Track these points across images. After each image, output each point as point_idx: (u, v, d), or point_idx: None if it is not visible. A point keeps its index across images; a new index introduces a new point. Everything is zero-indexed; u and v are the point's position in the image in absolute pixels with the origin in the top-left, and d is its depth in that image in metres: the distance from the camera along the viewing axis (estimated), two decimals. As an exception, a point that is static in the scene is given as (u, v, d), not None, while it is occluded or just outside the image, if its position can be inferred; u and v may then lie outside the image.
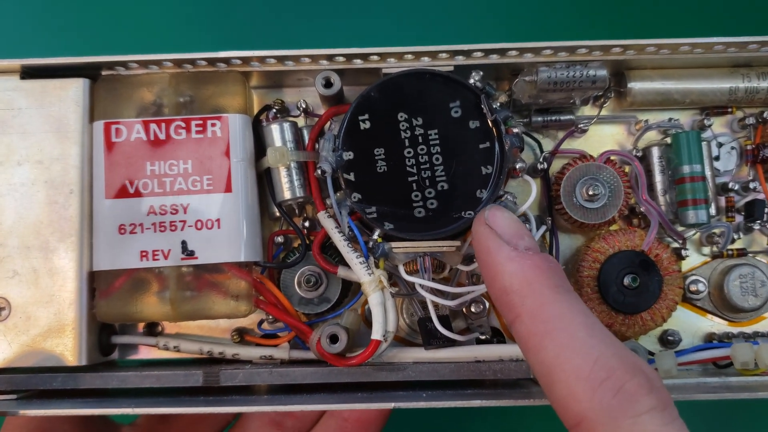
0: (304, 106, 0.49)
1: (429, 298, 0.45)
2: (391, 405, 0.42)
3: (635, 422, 0.30)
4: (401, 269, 0.45)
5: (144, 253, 0.45)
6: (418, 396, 0.43)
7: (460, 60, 0.47)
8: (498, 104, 0.46)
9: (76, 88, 0.46)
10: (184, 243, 0.45)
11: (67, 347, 0.45)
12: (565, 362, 0.32)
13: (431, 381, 0.45)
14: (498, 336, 0.50)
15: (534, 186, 0.46)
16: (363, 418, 0.52)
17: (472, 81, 0.45)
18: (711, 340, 0.50)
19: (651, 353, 0.46)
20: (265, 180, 0.48)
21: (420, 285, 0.45)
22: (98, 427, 0.53)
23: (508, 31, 0.64)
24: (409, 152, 0.45)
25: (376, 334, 0.43)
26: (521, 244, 0.36)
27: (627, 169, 0.49)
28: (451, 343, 0.46)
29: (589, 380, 0.31)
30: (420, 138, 0.45)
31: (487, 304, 0.49)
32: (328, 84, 0.47)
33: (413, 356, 0.46)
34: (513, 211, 0.45)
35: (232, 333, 0.50)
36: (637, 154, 0.49)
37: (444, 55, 0.46)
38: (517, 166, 0.46)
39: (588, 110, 0.51)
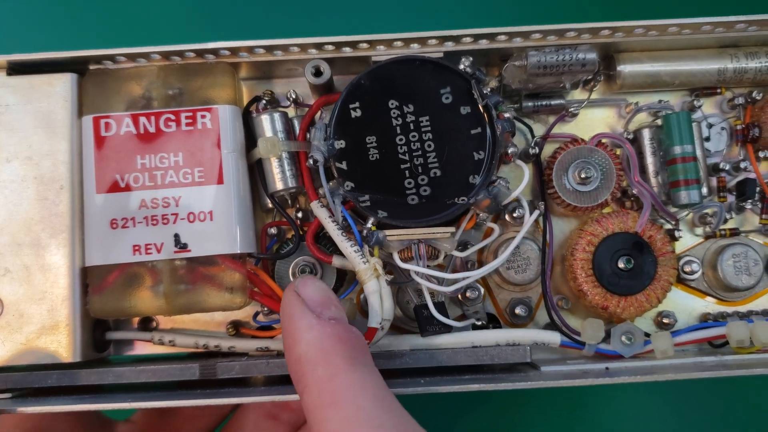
0: (294, 96, 0.49)
1: (425, 285, 0.45)
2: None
3: None
4: (396, 257, 0.45)
5: (137, 248, 0.44)
6: (416, 383, 0.43)
7: (450, 46, 0.47)
8: (489, 90, 0.46)
9: (63, 83, 0.46)
10: (176, 236, 0.44)
11: (62, 344, 0.44)
12: None
13: (429, 368, 0.44)
14: (494, 322, 0.50)
15: (526, 170, 0.46)
16: None
17: (462, 67, 0.45)
18: (706, 320, 0.50)
19: (647, 334, 0.46)
20: (256, 171, 0.48)
21: (415, 272, 0.45)
22: (94, 425, 0.53)
23: (498, 16, 0.64)
24: (401, 139, 0.45)
25: (373, 322, 0.43)
26: (326, 314, 0.36)
27: (618, 151, 0.49)
28: (447, 329, 0.46)
29: None
30: (411, 125, 0.45)
31: (483, 290, 0.49)
32: (317, 73, 0.47)
33: (410, 343, 0.46)
34: (506, 196, 0.45)
35: (228, 326, 0.50)
36: (628, 137, 0.50)
37: (433, 41, 0.46)
38: (509, 151, 0.46)
39: (578, 94, 0.51)
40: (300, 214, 0.49)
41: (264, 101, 0.49)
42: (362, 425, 0.31)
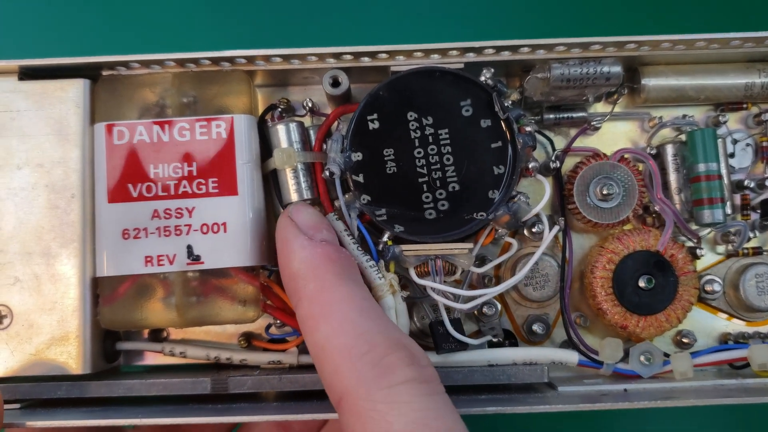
0: (310, 105, 0.48)
1: (441, 301, 0.44)
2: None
3: (390, 392, 0.32)
4: (412, 272, 0.44)
5: (149, 259, 0.44)
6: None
7: (471, 57, 0.45)
8: (510, 102, 0.45)
9: (76, 89, 0.45)
10: (189, 247, 0.44)
11: (71, 355, 0.44)
12: (334, 341, 0.34)
13: (450, 386, 0.44)
14: (510, 338, 0.49)
15: (548, 187, 0.45)
16: None
17: (483, 78, 0.44)
18: (726, 341, 0.49)
19: (666, 355, 0.46)
20: (271, 182, 0.47)
21: (432, 288, 0.44)
22: (103, 433, 0.52)
23: (520, 28, 0.63)
24: (419, 152, 0.44)
25: (388, 339, 0.42)
26: (318, 236, 0.39)
27: (641, 167, 0.48)
28: (463, 347, 0.45)
29: (351, 356, 0.33)
30: (430, 138, 0.44)
31: (499, 306, 0.48)
32: (335, 83, 0.46)
33: (425, 361, 0.45)
34: (526, 212, 0.44)
35: (239, 338, 0.49)
36: (651, 152, 0.48)
37: (454, 52, 0.45)
38: (530, 166, 0.45)
39: (600, 107, 0.50)
40: (314, 226, 0.48)
41: (279, 109, 0.48)
42: (349, 332, 0.34)
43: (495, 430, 0.63)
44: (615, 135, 0.50)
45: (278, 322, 0.48)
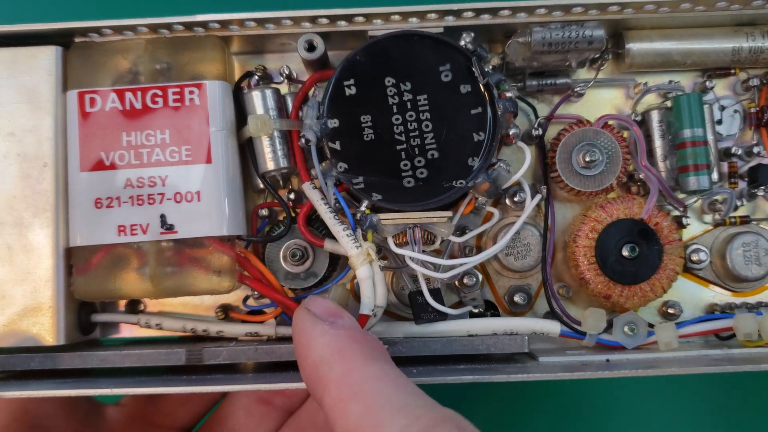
0: (287, 72, 0.47)
1: (420, 270, 0.43)
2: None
3: None
4: (390, 242, 0.44)
5: (122, 228, 0.43)
6: (408, 372, 0.41)
7: (450, 21, 0.44)
8: (490, 67, 0.44)
9: (48, 57, 0.44)
10: (162, 217, 0.43)
11: (45, 326, 0.43)
12: (370, 420, 0.29)
13: (422, 356, 0.43)
14: (492, 309, 0.48)
15: (528, 153, 0.44)
16: None
17: (462, 43, 0.43)
18: (713, 311, 0.48)
19: (651, 325, 0.45)
20: (247, 150, 0.46)
21: (410, 257, 0.43)
22: (82, 407, 0.52)
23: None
24: (397, 119, 0.43)
25: (365, 309, 0.42)
26: (339, 322, 0.35)
27: (625, 134, 0.47)
28: (442, 317, 0.44)
29: (391, 429, 0.29)
30: (409, 104, 0.43)
31: (481, 277, 0.47)
32: (311, 47, 0.45)
33: (403, 331, 0.44)
34: (506, 180, 0.43)
35: (217, 310, 0.48)
36: (636, 119, 0.47)
37: (433, 15, 0.44)
38: (511, 133, 0.44)
39: (584, 73, 0.49)
40: (292, 196, 0.47)
41: (256, 77, 0.47)
42: (385, 408, 0.30)
43: (477, 403, 0.63)
44: (599, 102, 0.49)
45: (255, 293, 0.47)
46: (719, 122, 0.48)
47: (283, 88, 0.47)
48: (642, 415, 0.62)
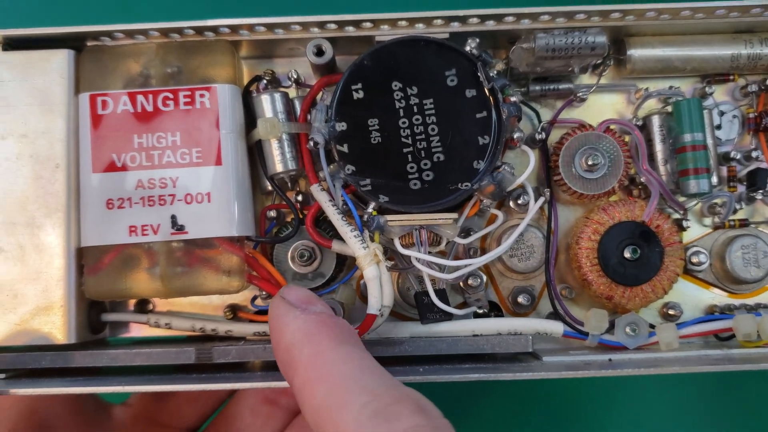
0: (295, 76, 0.48)
1: (426, 271, 0.44)
2: (388, 380, 0.40)
3: None
4: (397, 243, 0.44)
5: (133, 228, 0.44)
6: (414, 371, 0.42)
7: (456, 27, 0.45)
8: (495, 72, 0.44)
9: (60, 60, 0.45)
10: (173, 217, 0.44)
11: (56, 325, 0.44)
12: (332, 400, 0.31)
13: (428, 356, 0.44)
14: (496, 310, 0.49)
15: (532, 156, 0.45)
16: None
17: (468, 48, 0.44)
18: (713, 313, 0.49)
19: (652, 326, 0.46)
20: (256, 153, 0.47)
21: (416, 258, 0.44)
22: (90, 407, 0.52)
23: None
24: (404, 122, 0.44)
25: (372, 308, 0.42)
26: (311, 308, 0.37)
27: (627, 138, 0.48)
28: (448, 317, 0.45)
29: (351, 409, 0.30)
30: (415, 108, 0.44)
31: (485, 278, 0.48)
32: (319, 52, 0.45)
33: (410, 331, 0.45)
34: (510, 182, 0.44)
35: (225, 309, 0.49)
36: (637, 123, 0.48)
37: (439, 21, 0.45)
38: (515, 136, 0.45)
39: (587, 79, 0.50)
40: (300, 198, 0.48)
41: (264, 81, 0.48)
42: (349, 390, 0.31)
43: (482, 403, 0.63)
44: (601, 107, 0.50)
45: (264, 293, 0.47)
46: (718, 127, 0.49)
47: (291, 92, 0.48)
48: (641, 414, 0.63)
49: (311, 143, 0.43)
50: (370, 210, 0.43)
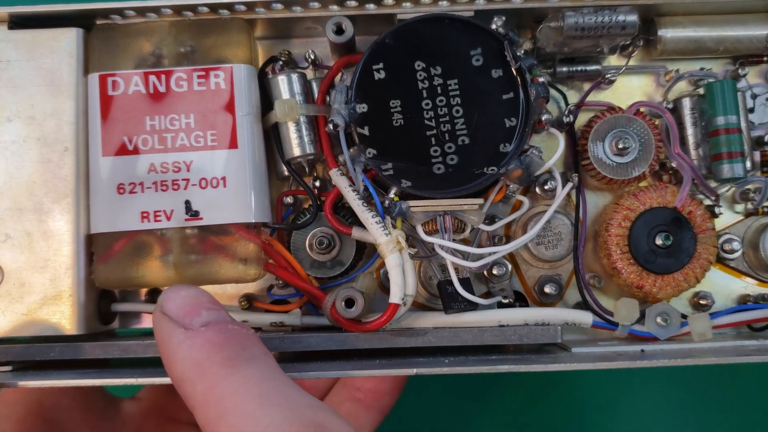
0: (312, 57, 0.46)
1: (450, 259, 0.42)
2: (413, 371, 0.39)
3: None
4: (419, 229, 0.43)
5: (145, 214, 0.42)
6: (440, 362, 0.40)
7: (481, 4, 0.44)
8: (522, 51, 0.43)
9: (69, 39, 0.43)
10: (187, 203, 0.42)
11: (65, 315, 0.42)
12: None
13: (453, 347, 0.42)
14: (521, 300, 0.47)
15: (561, 139, 0.44)
16: (377, 388, 0.50)
17: (494, 27, 0.42)
18: (745, 302, 0.47)
19: (684, 316, 0.44)
20: (272, 136, 0.45)
21: (440, 246, 0.42)
22: (98, 401, 0.51)
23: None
24: (427, 104, 0.42)
25: (395, 297, 0.41)
26: (196, 322, 0.34)
27: (656, 122, 0.46)
28: (473, 307, 0.43)
29: None
30: (439, 88, 0.42)
31: (510, 267, 0.46)
32: (339, 30, 0.44)
33: (433, 321, 0.43)
34: (539, 166, 0.42)
35: (240, 299, 0.47)
36: (668, 106, 0.46)
37: (464, -1, 0.43)
38: (543, 118, 0.43)
39: (614, 60, 0.48)
40: (317, 183, 0.46)
41: (281, 62, 0.46)
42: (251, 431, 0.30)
43: (503, 397, 0.62)
44: (629, 89, 0.48)
45: (281, 282, 0.46)
46: (752, 110, 0.47)
47: (308, 74, 0.46)
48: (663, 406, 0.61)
49: (330, 126, 0.41)
50: (391, 195, 0.42)
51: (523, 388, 0.62)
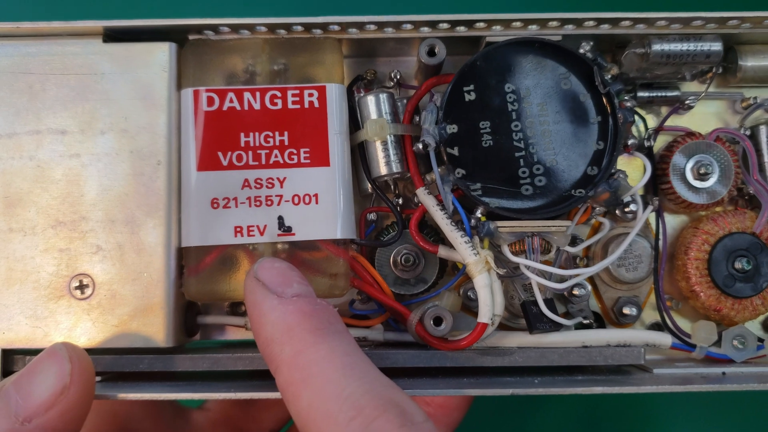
0: (398, 77, 0.47)
1: (536, 280, 0.43)
2: (509, 391, 0.39)
3: None
4: (506, 249, 0.43)
5: (238, 229, 0.42)
6: (530, 382, 0.41)
7: (570, 29, 0.44)
8: (610, 77, 0.43)
9: (162, 53, 0.44)
10: (281, 218, 0.42)
11: (155, 328, 0.42)
12: (317, 409, 0.31)
13: (539, 366, 0.43)
14: (598, 321, 0.48)
15: (648, 163, 0.44)
16: (447, 403, 0.50)
17: (581, 51, 0.43)
18: (821, 327, 0.48)
19: (760, 339, 0.45)
20: (358, 155, 0.45)
21: (526, 266, 0.43)
22: (168, 412, 0.51)
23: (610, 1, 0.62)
24: (516, 125, 0.43)
25: (484, 317, 0.41)
26: (288, 292, 0.36)
27: (734, 148, 0.47)
28: (557, 327, 0.44)
29: (337, 423, 0.30)
30: (528, 110, 0.43)
31: (589, 288, 0.47)
32: (431, 52, 0.44)
33: (518, 341, 0.44)
34: (626, 190, 0.43)
35: (322, 314, 0.47)
36: (746, 133, 0.47)
37: (554, 23, 0.44)
38: (629, 143, 0.44)
39: (692, 86, 0.49)
40: (400, 200, 0.47)
41: (365, 81, 0.47)
42: (332, 397, 0.31)
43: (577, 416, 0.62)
44: (705, 115, 0.49)
45: (362, 297, 0.46)
46: (828, 140, 0.48)
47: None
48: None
49: (420, 145, 0.42)
50: (478, 215, 0.42)
51: (575, 407, 0.63)
